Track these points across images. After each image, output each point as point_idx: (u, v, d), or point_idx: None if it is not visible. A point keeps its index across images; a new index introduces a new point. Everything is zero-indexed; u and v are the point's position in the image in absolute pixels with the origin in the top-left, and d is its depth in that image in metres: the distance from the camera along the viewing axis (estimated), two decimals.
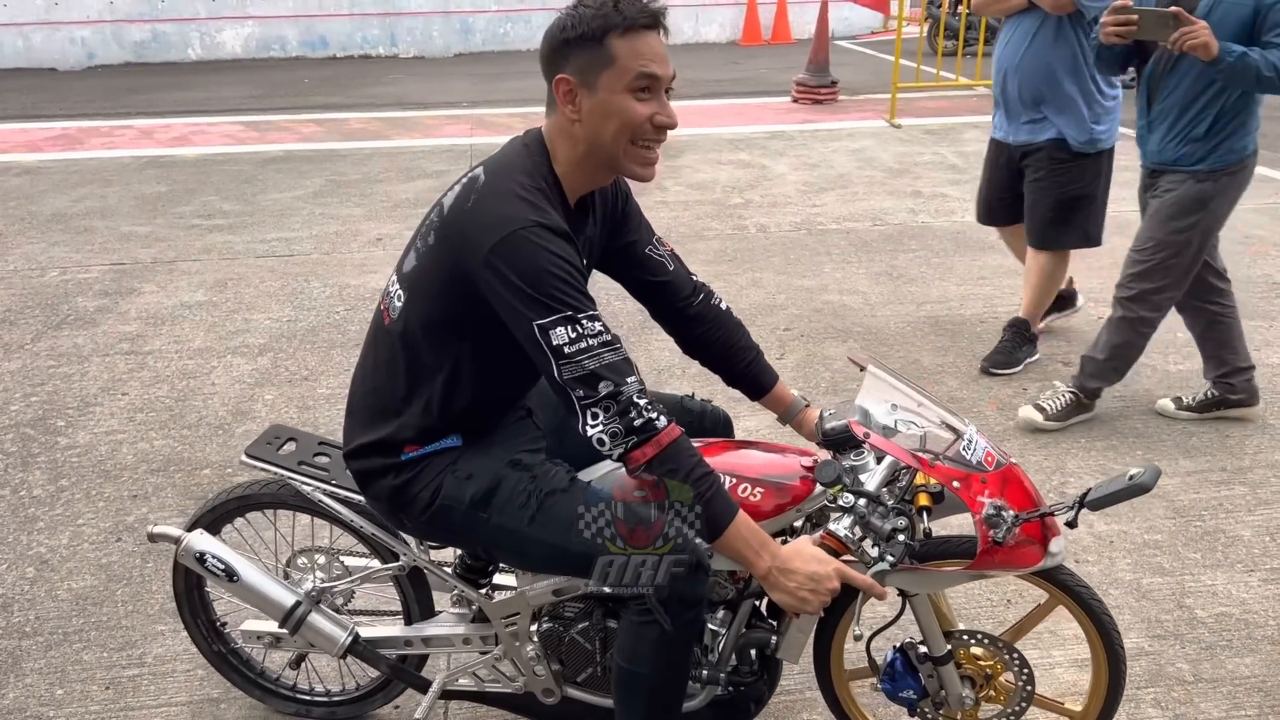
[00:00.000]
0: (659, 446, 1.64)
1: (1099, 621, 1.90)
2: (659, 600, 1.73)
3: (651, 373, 4.20)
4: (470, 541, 1.93)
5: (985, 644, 1.99)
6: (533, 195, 1.69)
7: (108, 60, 13.89)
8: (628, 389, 1.63)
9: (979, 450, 1.75)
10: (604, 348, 1.64)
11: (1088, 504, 1.65)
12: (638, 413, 1.63)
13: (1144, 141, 3.40)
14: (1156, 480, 1.61)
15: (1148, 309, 3.43)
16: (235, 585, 2.04)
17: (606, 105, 1.68)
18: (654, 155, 1.75)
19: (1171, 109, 3.24)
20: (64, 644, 2.67)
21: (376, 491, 1.90)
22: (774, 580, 1.68)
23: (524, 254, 1.63)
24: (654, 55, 1.68)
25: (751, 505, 1.81)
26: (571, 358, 1.63)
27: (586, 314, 1.64)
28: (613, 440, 1.64)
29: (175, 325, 4.77)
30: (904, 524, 1.69)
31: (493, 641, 2.09)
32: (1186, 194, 3.27)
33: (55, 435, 3.76)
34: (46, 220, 6.49)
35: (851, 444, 1.81)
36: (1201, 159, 3.24)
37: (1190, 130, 3.22)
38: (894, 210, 6.41)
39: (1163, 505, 3.15)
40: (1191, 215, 3.28)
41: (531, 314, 1.62)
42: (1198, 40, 2.93)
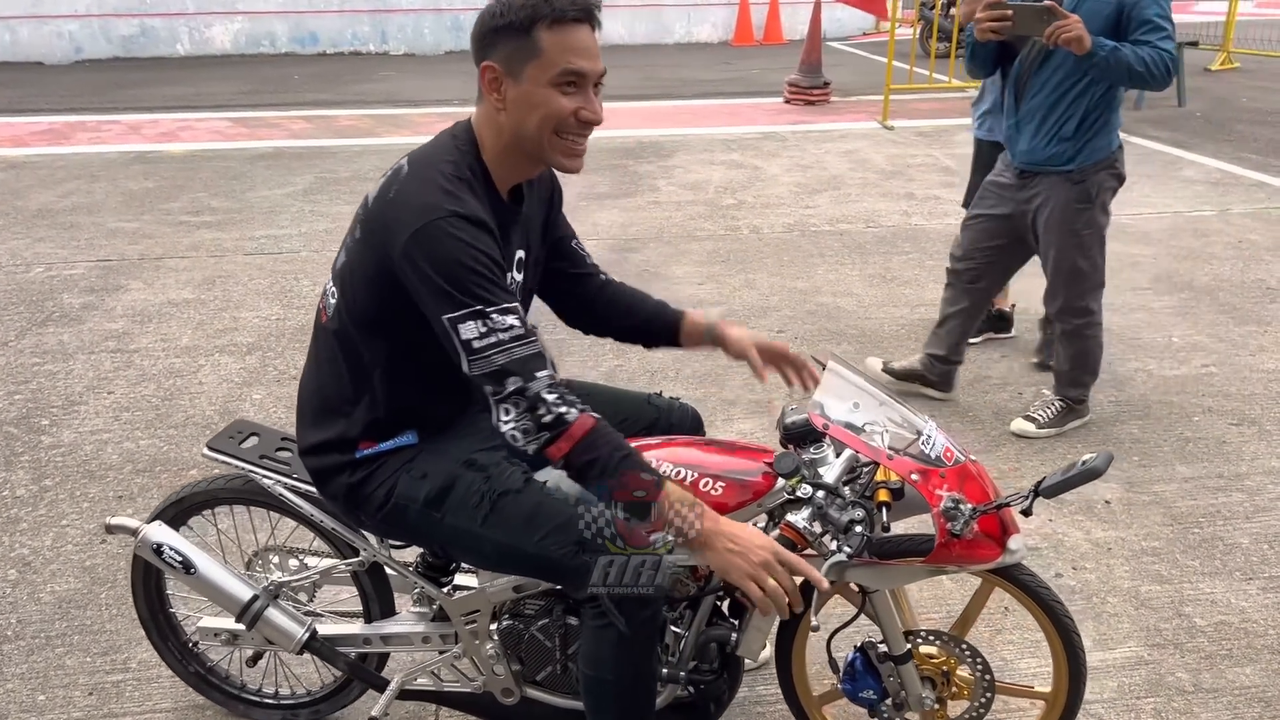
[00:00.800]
0: (572, 440, 1.61)
1: (1045, 605, 1.89)
2: (613, 601, 1.71)
3: (644, 374, 4.17)
4: (426, 540, 1.92)
5: (934, 641, 1.98)
6: (454, 185, 1.67)
7: (95, 55, 13.77)
8: (535, 385, 1.61)
9: (938, 446, 1.76)
10: (515, 342, 1.62)
11: (1042, 491, 1.65)
12: (546, 409, 1.60)
13: (1013, 141, 3.43)
14: (1108, 464, 1.60)
15: (1080, 315, 3.50)
16: (192, 578, 2.01)
17: (531, 96, 1.66)
18: (579, 147, 1.73)
19: (1039, 108, 3.29)
20: (46, 648, 2.62)
21: (333, 490, 1.89)
22: (709, 544, 1.64)
23: (439, 245, 1.61)
24: (582, 50, 1.65)
25: (714, 500, 1.80)
26: (480, 353, 1.61)
27: (498, 308, 1.61)
28: (525, 437, 1.62)
29: (162, 323, 4.71)
30: (861, 516, 1.68)
31: (452, 640, 2.08)
32: (1068, 199, 3.33)
33: (39, 434, 3.70)
34: (32, 216, 6.41)
35: (811, 438, 1.79)
36: (1071, 158, 3.29)
37: (1059, 129, 3.27)
38: (887, 212, 6.39)
39: (1160, 512, 3.13)
40: (1081, 217, 3.34)
41: (442, 307, 1.61)
42: (1072, 34, 2.98)
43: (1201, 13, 14.58)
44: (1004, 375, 4.10)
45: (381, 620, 2.14)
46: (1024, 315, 4.54)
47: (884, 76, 9.34)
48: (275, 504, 2.06)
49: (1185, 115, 9.16)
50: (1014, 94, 3.35)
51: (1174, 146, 7.92)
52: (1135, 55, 3.03)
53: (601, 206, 6.61)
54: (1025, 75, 3.30)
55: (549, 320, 2.16)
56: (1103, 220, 3.38)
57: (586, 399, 2.04)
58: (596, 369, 4.22)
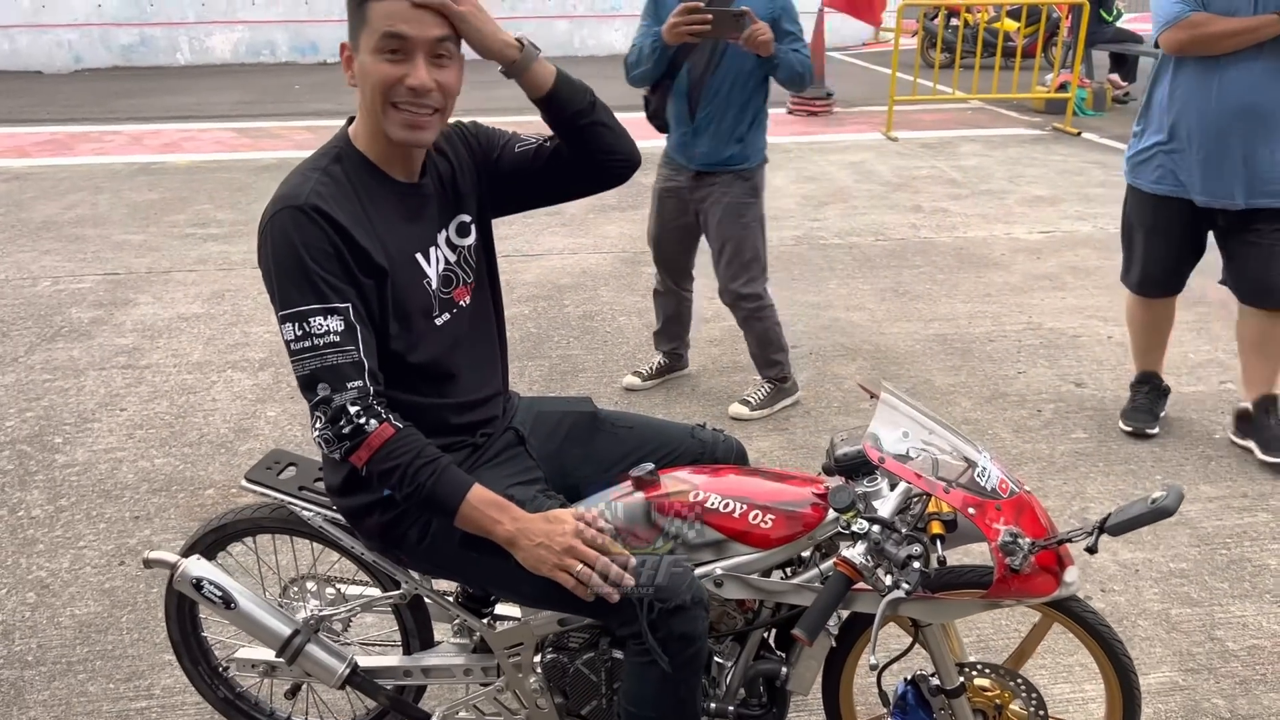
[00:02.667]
0: (370, 449, 1.62)
1: (1104, 642, 1.87)
2: (657, 640, 1.68)
3: (660, 391, 4.15)
4: (466, 578, 1.90)
5: (989, 674, 1.96)
6: (304, 177, 1.66)
7: (95, 64, 13.74)
8: (341, 397, 1.61)
9: (993, 477, 1.72)
10: (330, 349, 1.60)
11: (1108, 529, 1.62)
12: (347, 420, 1.61)
13: (687, 147, 3.63)
14: (1179, 503, 1.58)
15: (753, 300, 3.82)
16: (232, 613, 1.99)
17: (364, 67, 1.65)
18: (420, 118, 1.65)
19: (717, 113, 3.55)
20: (68, 674, 2.59)
21: (367, 529, 1.86)
22: (517, 543, 1.67)
23: (270, 242, 1.62)
24: (404, 15, 1.60)
25: (762, 533, 1.78)
26: (295, 356, 1.62)
27: (319, 311, 1.60)
28: (327, 445, 1.64)
29: (172, 338, 4.68)
30: (919, 551, 1.65)
31: (494, 673, 2.05)
32: (741, 193, 3.66)
33: (53, 453, 3.67)
34: (37, 228, 6.38)
35: (864, 470, 1.77)
36: (746, 157, 3.62)
37: (735, 131, 3.57)
38: (895, 225, 6.38)
39: (1187, 533, 3.11)
40: (750, 210, 3.70)
41: (275, 301, 1.63)
42: (766, 37, 3.27)
43: None
44: (1021, 391, 4.09)
45: (421, 652, 2.11)
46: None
47: (885, 87, 9.35)
48: (316, 536, 2.04)
49: None
50: (688, 104, 3.57)
51: None
52: (796, 58, 3.44)
53: (609, 219, 6.60)
54: (698, 85, 3.53)
55: (576, 331, 2.13)
56: (762, 212, 3.79)
57: (628, 431, 2.03)
58: (611, 385, 4.20)
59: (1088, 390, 4.08)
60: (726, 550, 1.81)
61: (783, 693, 1.94)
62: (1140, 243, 3.56)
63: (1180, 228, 3.44)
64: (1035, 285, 5.28)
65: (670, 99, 3.61)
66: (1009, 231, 6.22)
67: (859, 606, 1.82)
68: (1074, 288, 5.23)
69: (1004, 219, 6.48)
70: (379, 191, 1.71)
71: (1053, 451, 3.61)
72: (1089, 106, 9.79)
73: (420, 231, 1.78)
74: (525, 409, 2.05)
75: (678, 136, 3.66)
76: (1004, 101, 10.38)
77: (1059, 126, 9.20)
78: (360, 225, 1.66)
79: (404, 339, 1.75)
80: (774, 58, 3.39)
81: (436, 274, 1.80)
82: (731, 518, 1.80)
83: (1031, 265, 5.58)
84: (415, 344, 1.77)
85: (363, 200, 1.69)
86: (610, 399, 4.08)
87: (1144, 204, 3.50)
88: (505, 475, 1.87)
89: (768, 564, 1.82)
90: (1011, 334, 4.66)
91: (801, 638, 1.58)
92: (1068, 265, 5.57)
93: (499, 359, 1.99)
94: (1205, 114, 3.24)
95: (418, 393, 1.80)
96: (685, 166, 3.70)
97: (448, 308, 1.83)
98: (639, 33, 3.55)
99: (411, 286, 1.75)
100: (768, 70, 3.49)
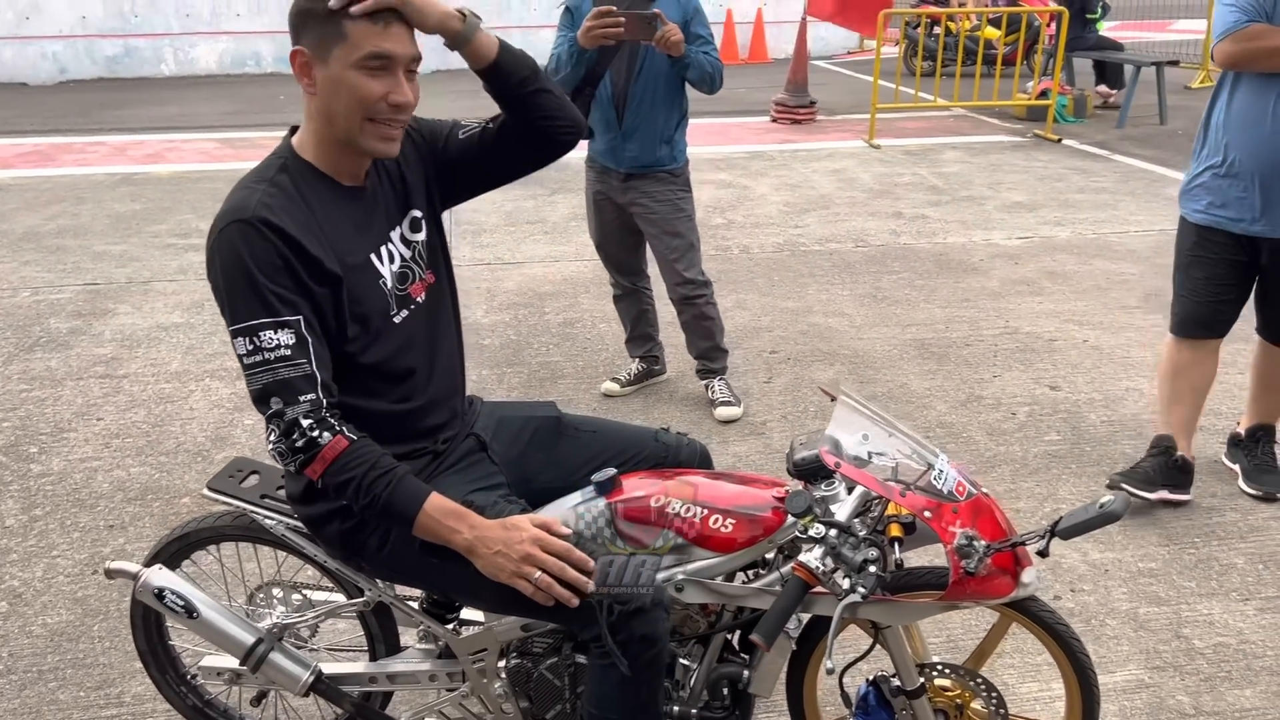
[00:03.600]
0: (325, 462, 1.64)
1: (1062, 640, 1.88)
2: (617, 642, 1.69)
3: (638, 398, 4.16)
4: (428, 584, 1.91)
5: (950, 674, 1.97)
6: (251, 189, 1.66)
7: (80, 75, 13.71)
8: (294, 410, 1.61)
9: (950, 480, 1.74)
10: (281, 363, 1.61)
11: (1058, 533, 1.64)
12: (300, 433, 1.62)
13: (617, 151, 3.73)
14: (1126, 508, 1.60)
15: (703, 287, 3.94)
16: (195, 622, 1.98)
17: (338, 80, 1.65)
18: (393, 132, 1.71)
19: (645, 117, 3.68)
20: (39, 682, 2.59)
21: (328, 536, 1.87)
22: (475, 551, 1.68)
23: (219, 255, 1.62)
24: (389, 34, 1.64)
25: (724, 537, 1.79)
26: (248, 370, 1.63)
27: (269, 325, 1.60)
28: (282, 459, 1.65)
29: (151, 348, 4.68)
30: (875, 555, 1.65)
31: (460, 678, 2.06)
32: (675, 191, 3.82)
33: (28, 462, 3.66)
34: (18, 239, 6.37)
35: (822, 474, 1.78)
36: (674, 158, 3.77)
37: (663, 133, 3.71)
38: (876, 231, 6.42)
39: (1156, 532, 3.14)
40: (687, 202, 3.88)
41: (225, 315, 1.63)
42: (677, 38, 3.39)
43: (1180, 31, 14.75)
44: (996, 395, 4.11)
45: (387, 658, 2.11)
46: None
47: (869, 95, 9.39)
48: (279, 543, 2.04)
49: (1167, 133, 9.25)
50: (614, 109, 3.68)
51: (1157, 164, 7.99)
52: (706, 59, 3.59)
53: None
54: (623, 90, 3.66)
55: (558, 337, 2.14)
56: (694, 209, 3.96)
57: (592, 435, 2.04)
58: (590, 392, 4.21)
59: (1062, 394, 4.11)
60: (688, 554, 1.82)
61: (746, 695, 1.95)
62: (1181, 278, 3.26)
63: (1225, 262, 3.13)
64: (1013, 290, 5.31)
65: (594, 105, 3.70)
66: (988, 237, 6.26)
67: (819, 610, 1.83)
68: (1051, 293, 5.27)
69: (983, 225, 6.52)
70: (328, 197, 1.72)
71: (1026, 454, 3.64)
72: (1070, 113, 9.85)
73: (372, 232, 1.79)
74: (488, 414, 2.06)
75: (605, 141, 3.76)
76: (986, 109, 10.45)
77: (1040, 133, 9.26)
78: (310, 233, 1.66)
79: (362, 339, 1.76)
80: (685, 58, 3.53)
81: (391, 272, 1.81)
82: (693, 522, 1.81)
83: (1009, 270, 5.62)
84: (373, 343, 1.78)
85: (312, 208, 1.70)
86: (589, 405, 4.09)
87: (1189, 235, 3.21)
88: (466, 481, 1.88)
89: (729, 568, 1.83)
90: (988, 338, 4.69)
91: (759, 642, 1.59)
92: (1045, 270, 5.61)
93: (457, 354, 2.00)
94: (1259, 140, 2.95)
95: (377, 396, 1.81)
96: (615, 170, 3.80)
97: (405, 304, 1.84)
98: (556, 41, 3.65)
99: (368, 288, 1.76)
100: (680, 71, 3.63)
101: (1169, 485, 3.24)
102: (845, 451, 1.75)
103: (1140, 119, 9.61)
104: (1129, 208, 6.82)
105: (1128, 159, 8.22)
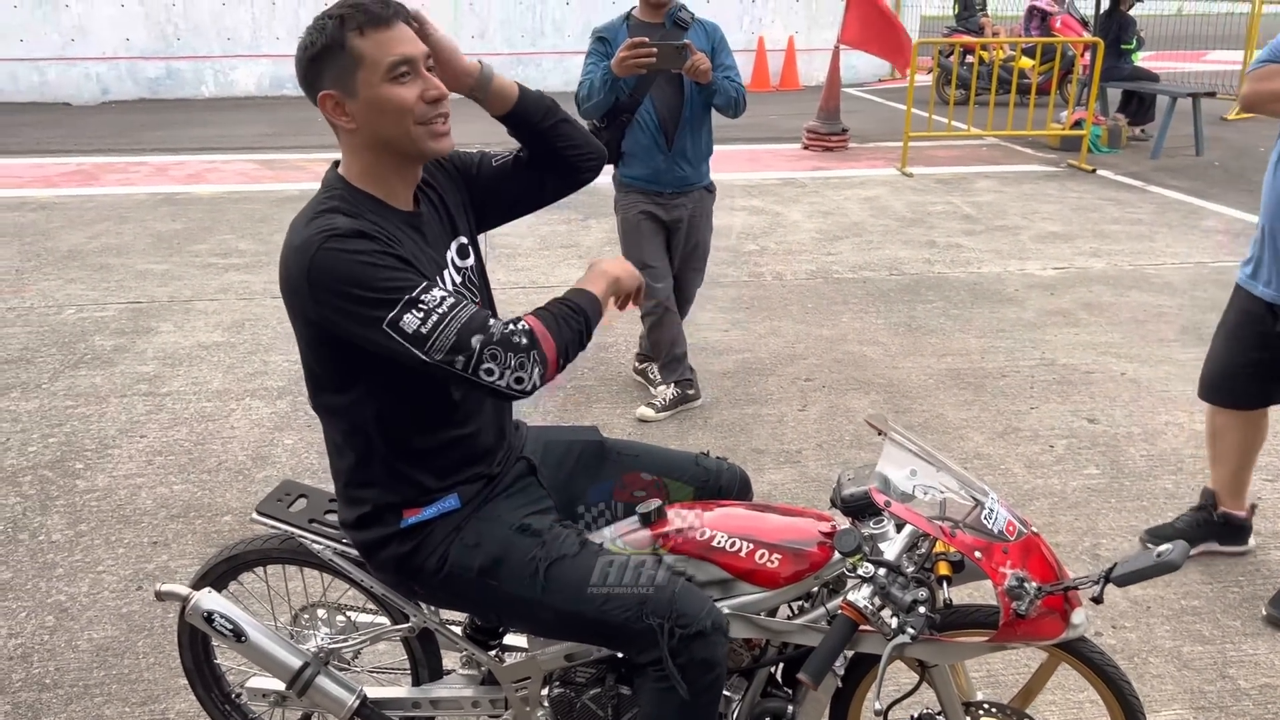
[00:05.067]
0: (545, 337, 1.66)
1: (1111, 681, 1.86)
2: (677, 666, 1.69)
3: (672, 423, 4.18)
4: (483, 608, 1.91)
5: (996, 713, 1.95)
6: (319, 217, 1.69)
7: (122, 96, 13.98)
8: (495, 327, 1.63)
9: (1000, 519, 1.72)
10: (454, 309, 1.62)
11: (1114, 579, 1.62)
12: (516, 334, 1.64)
13: (664, 174, 3.97)
14: (1185, 558, 1.58)
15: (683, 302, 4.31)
16: (243, 646, 2.01)
17: (374, 101, 1.68)
18: (443, 127, 1.75)
19: (687, 138, 3.95)
20: (84, 697, 2.62)
21: (381, 561, 1.88)
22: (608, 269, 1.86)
23: (334, 267, 1.61)
24: (398, 38, 1.68)
25: (769, 572, 1.79)
26: (432, 335, 1.59)
27: (420, 288, 1.62)
28: (523, 372, 1.63)
29: (193, 366, 4.75)
30: (925, 595, 1.65)
31: (502, 705, 2.06)
32: (711, 202, 4.22)
33: (74, 478, 3.72)
34: (63, 257, 6.49)
35: (871, 511, 1.77)
36: (706, 173, 4.12)
37: (700, 151, 4.02)
38: (910, 260, 6.41)
39: (1199, 569, 3.11)
40: (713, 212, 4.27)
41: (374, 317, 1.59)
42: (706, 66, 3.57)
43: (1215, 61, 14.68)
44: (1033, 427, 4.09)
45: (430, 683, 2.12)
46: None
47: (900, 123, 9.41)
48: (326, 567, 2.06)
49: (1204, 165, 9.20)
50: (663, 133, 3.91)
51: (1194, 196, 7.95)
52: (731, 85, 3.81)
53: None
54: (673, 115, 3.90)
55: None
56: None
57: (635, 459, 2.06)
58: (625, 416, 4.23)
59: (1100, 426, 4.08)
60: (732, 589, 1.82)
61: None
62: (1213, 337, 3.13)
63: (1248, 328, 2.94)
64: (1049, 321, 5.29)
65: (631, 131, 3.91)
66: (1023, 267, 6.24)
67: (865, 647, 1.82)
68: (1088, 324, 5.24)
69: (1018, 255, 6.51)
70: (388, 222, 1.75)
71: (1065, 487, 3.62)
72: (1104, 143, 9.83)
73: (433, 255, 1.83)
74: (534, 438, 2.09)
75: (649, 164, 3.96)
76: (1019, 138, 10.43)
77: (1074, 163, 9.24)
78: (395, 243, 1.69)
79: None
80: (712, 85, 3.74)
81: None
82: (738, 556, 1.81)
83: (1045, 301, 5.60)
84: None
85: (383, 228, 1.72)
86: (624, 430, 4.11)
87: (1232, 295, 3.03)
88: (519, 505, 1.90)
89: (774, 603, 1.83)
90: (1024, 369, 4.67)
91: (807, 681, 1.59)
92: (1081, 301, 5.59)
93: None
94: (1269, 189, 2.82)
95: (441, 425, 1.82)
96: (660, 191, 4.02)
97: None
98: (587, 68, 3.81)
99: None
100: (707, 98, 3.86)
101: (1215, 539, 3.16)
102: (894, 488, 1.74)
103: (1176, 150, 9.56)
104: (1165, 239, 6.78)
105: (1163, 190, 8.17)
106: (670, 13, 3.90)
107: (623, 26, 3.91)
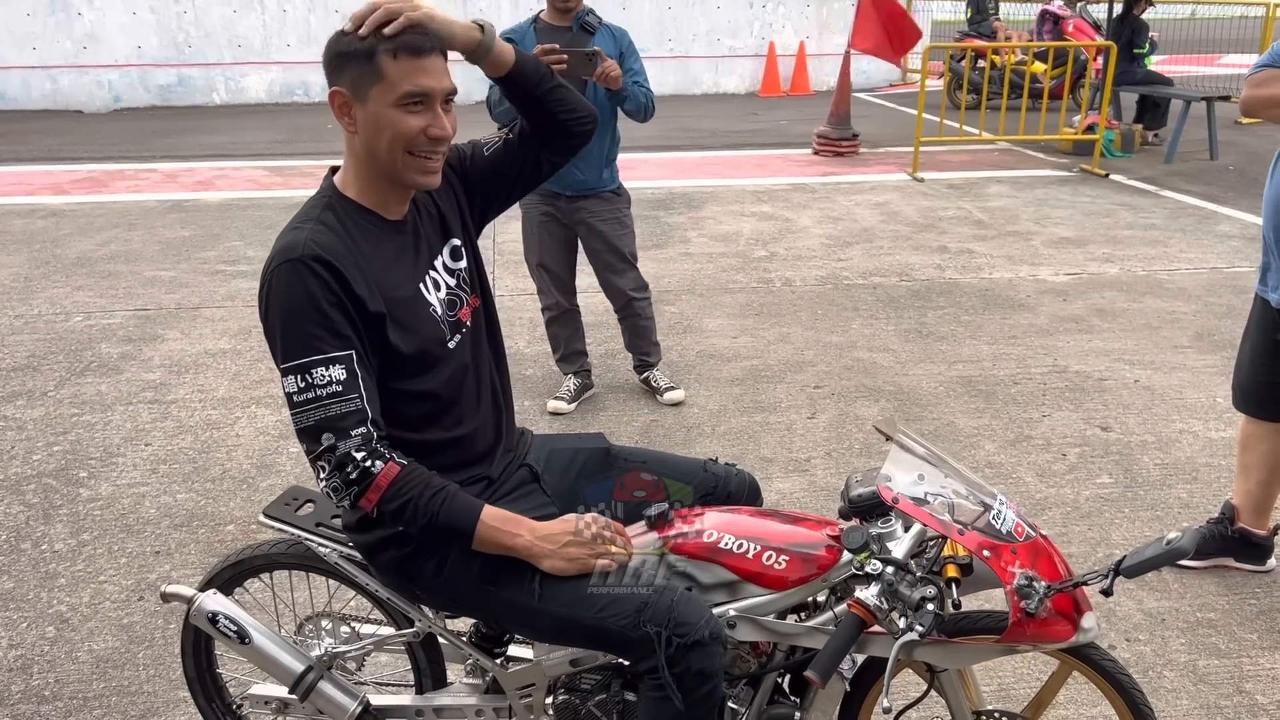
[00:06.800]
0: (379, 490, 1.64)
1: (1124, 692, 1.83)
2: (673, 675, 1.67)
3: (679, 429, 4.14)
4: (481, 613, 1.91)
5: None
6: (301, 227, 1.68)
7: (133, 103, 14.04)
8: (346, 444, 1.62)
9: (1009, 521, 1.71)
10: (333, 399, 1.62)
11: (1123, 571, 1.60)
12: (353, 466, 1.62)
13: (563, 176, 3.84)
14: (1196, 544, 1.56)
15: (644, 290, 4.30)
16: (246, 648, 2.01)
17: (378, 118, 1.67)
18: (433, 164, 1.74)
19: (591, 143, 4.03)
20: (83, 709, 2.59)
21: (383, 563, 1.87)
22: (539, 550, 1.71)
23: (272, 295, 1.64)
24: (426, 70, 1.67)
25: (777, 574, 1.77)
26: (298, 408, 1.63)
27: (321, 362, 1.61)
28: (336, 495, 1.65)
29: (199, 374, 4.74)
30: (933, 593, 1.63)
31: (506, 713, 2.05)
32: (621, 205, 4.16)
33: (77, 486, 3.71)
34: (71, 264, 6.50)
35: (878, 511, 1.76)
36: (612, 178, 4.10)
37: (605, 157, 4.01)
38: (920, 265, 6.36)
39: (1214, 581, 3.05)
40: (629, 217, 4.21)
41: (278, 351, 1.64)
42: (616, 73, 3.63)
43: (1228, 65, 14.60)
44: (1045, 435, 4.04)
45: (434, 691, 2.10)
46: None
47: (912, 128, 9.36)
48: (332, 572, 2.05)
49: (1218, 169, 9.13)
50: None
51: (1208, 201, 7.87)
52: (641, 90, 3.85)
53: None
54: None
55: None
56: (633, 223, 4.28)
57: (642, 466, 2.03)
58: (631, 424, 4.19)
59: (1114, 435, 4.03)
60: (740, 591, 1.80)
61: None
62: (1240, 344, 3.06)
63: (1260, 332, 2.91)
64: (1061, 328, 5.24)
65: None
66: (1035, 273, 6.18)
67: (873, 650, 1.80)
68: (1101, 330, 5.19)
69: (1030, 260, 6.45)
70: (373, 233, 1.75)
71: (1077, 496, 3.56)
72: (1117, 148, 9.76)
73: (418, 263, 1.82)
74: (539, 446, 2.07)
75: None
76: (1031, 143, 10.37)
77: (1086, 168, 9.17)
78: (357, 270, 1.68)
79: (420, 368, 1.78)
80: (622, 91, 3.76)
81: (440, 300, 1.84)
82: (745, 558, 1.79)
83: (1057, 307, 5.54)
84: (430, 370, 1.80)
85: (359, 244, 1.72)
86: (630, 436, 4.08)
87: (1253, 303, 2.97)
88: (520, 511, 1.87)
89: (781, 606, 1.81)
90: (1036, 377, 4.62)
91: (814, 679, 1.56)
92: (1094, 308, 5.53)
93: (500, 376, 2.02)
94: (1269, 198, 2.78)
95: (432, 424, 1.82)
96: (560, 193, 4.05)
97: (457, 330, 1.87)
98: None
99: (421, 318, 1.78)
100: (617, 103, 3.86)
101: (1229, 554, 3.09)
102: (902, 489, 1.72)
103: (1189, 154, 9.49)
104: (1179, 245, 6.71)
105: (1177, 195, 8.10)
106: (578, 16, 3.89)
107: (530, 29, 3.88)
